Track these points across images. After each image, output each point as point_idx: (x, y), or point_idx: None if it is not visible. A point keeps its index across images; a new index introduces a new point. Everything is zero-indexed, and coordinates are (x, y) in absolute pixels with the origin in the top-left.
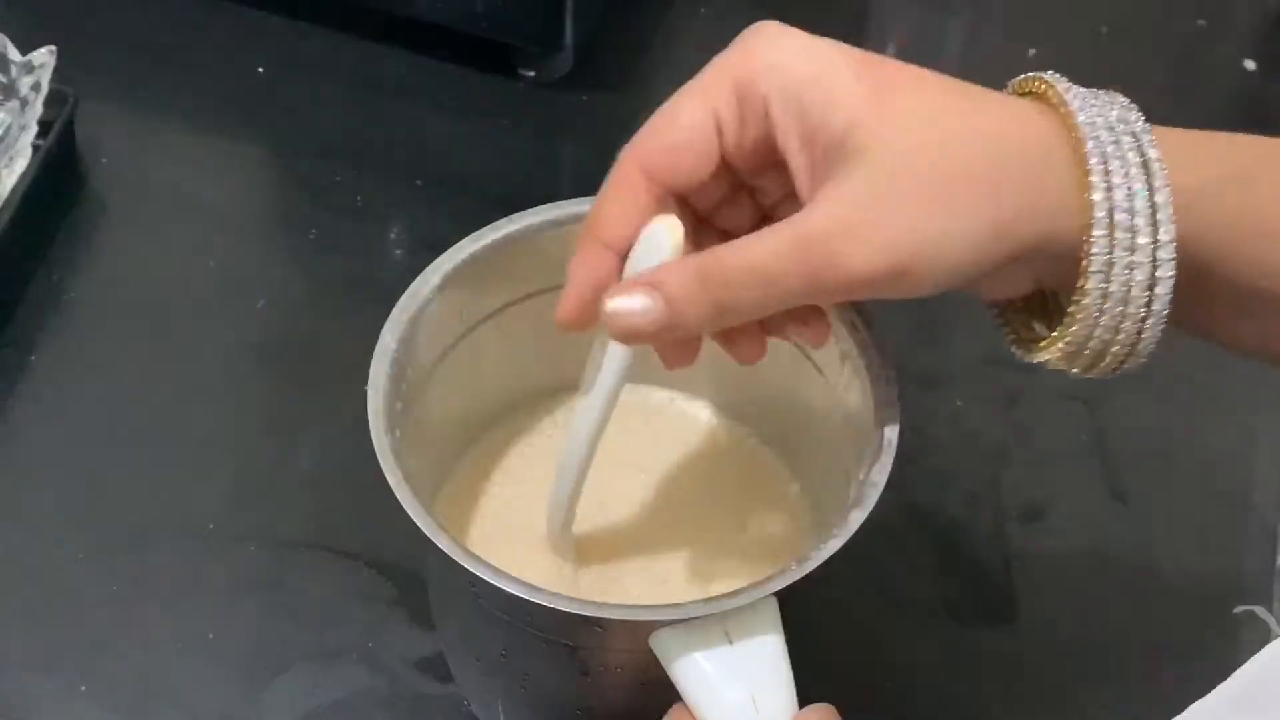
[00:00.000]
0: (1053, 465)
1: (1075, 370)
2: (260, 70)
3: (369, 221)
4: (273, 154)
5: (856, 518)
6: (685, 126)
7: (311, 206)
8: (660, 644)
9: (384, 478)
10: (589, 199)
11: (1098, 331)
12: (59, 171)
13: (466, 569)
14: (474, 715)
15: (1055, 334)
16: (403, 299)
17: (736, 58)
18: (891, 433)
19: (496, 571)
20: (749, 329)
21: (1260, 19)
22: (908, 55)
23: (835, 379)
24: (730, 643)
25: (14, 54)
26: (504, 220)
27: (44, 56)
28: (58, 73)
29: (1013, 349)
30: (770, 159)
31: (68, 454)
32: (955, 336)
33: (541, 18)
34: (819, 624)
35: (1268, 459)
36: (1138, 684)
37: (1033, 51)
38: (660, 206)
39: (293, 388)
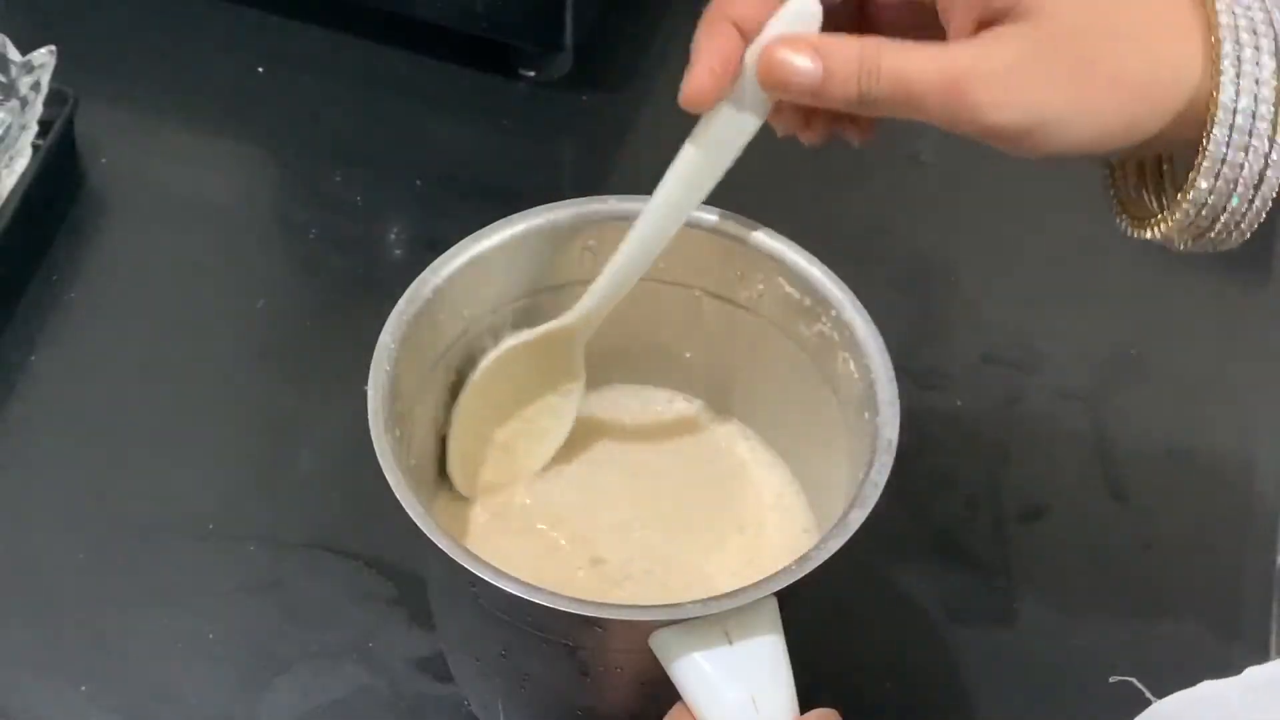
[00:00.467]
0: (1053, 465)
1: (1181, 245)
2: (260, 70)
3: (369, 221)
4: (273, 154)
5: (856, 517)
6: None
7: (311, 206)
8: (660, 644)
9: (384, 478)
10: (590, 199)
11: (1212, 198)
12: (59, 171)
13: (466, 569)
14: (474, 715)
15: (1178, 198)
16: (402, 300)
17: None
18: (891, 432)
19: (496, 571)
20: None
21: None
22: None
23: (835, 378)
24: (730, 643)
25: (14, 54)
26: (503, 220)
27: (44, 56)
28: (58, 73)
29: (1122, 223)
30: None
31: (68, 454)
32: (955, 336)
33: (541, 18)
34: (819, 624)
35: (1268, 459)
36: (1137, 684)
37: None
38: None
39: (293, 388)
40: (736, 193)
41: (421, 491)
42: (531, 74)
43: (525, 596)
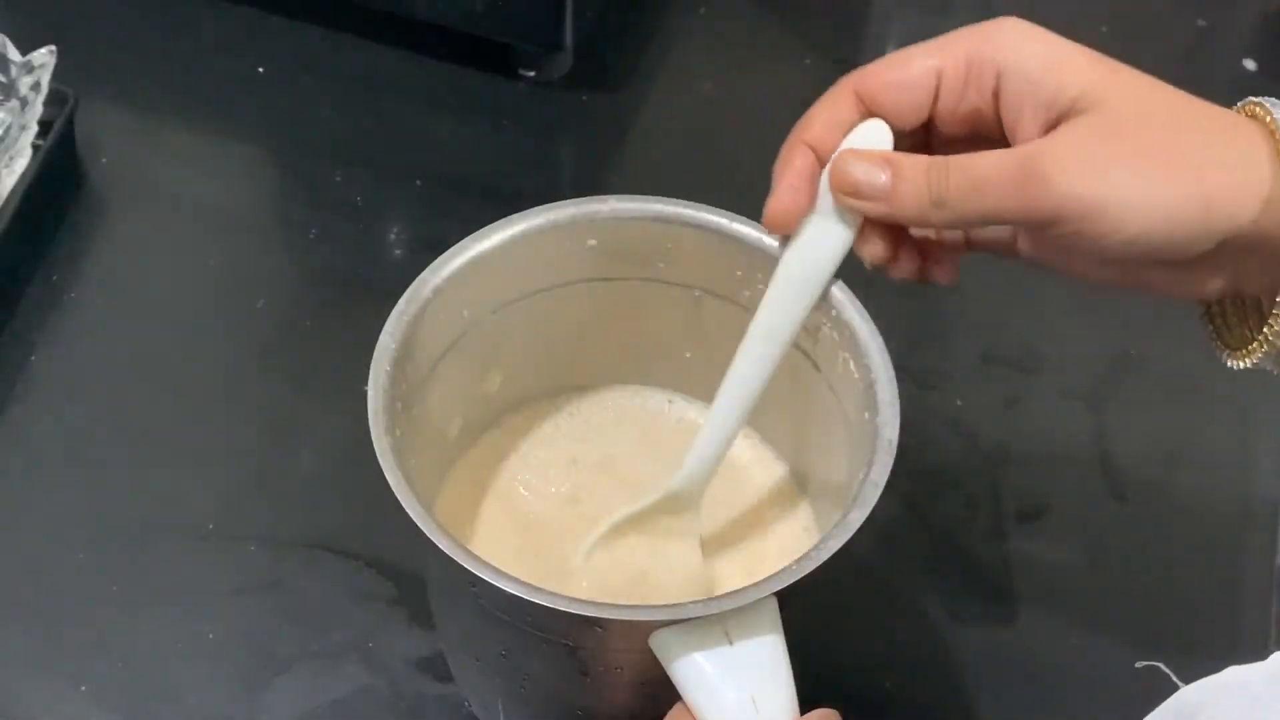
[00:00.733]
0: (1053, 465)
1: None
2: (260, 70)
3: (369, 221)
4: (273, 154)
5: (856, 518)
6: (913, 72)
7: (311, 206)
8: (660, 644)
9: (384, 478)
10: (590, 199)
11: None
12: (59, 171)
13: (467, 569)
14: (474, 715)
15: (1262, 334)
16: (402, 300)
17: (977, 31)
18: (891, 432)
19: (497, 572)
20: (917, 248)
21: (1260, 19)
22: None
23: (835, 379)
24: (730, 643)
25: (14, 54)
26: (503, 220)
27: (44, 56)
28: (58, 73)
29: (1221, 355)
30: (974, 130)
31: (68, 454)
32: (955, 336)
33: (541, 18)
34: (819, 624)
35: (1268, 459)
36: (1137, 684)
37: None
38: None
39: (293, 388)
40: (737, 193)
41: (421, 491)
42: (531, 74)
43: (525, 596)
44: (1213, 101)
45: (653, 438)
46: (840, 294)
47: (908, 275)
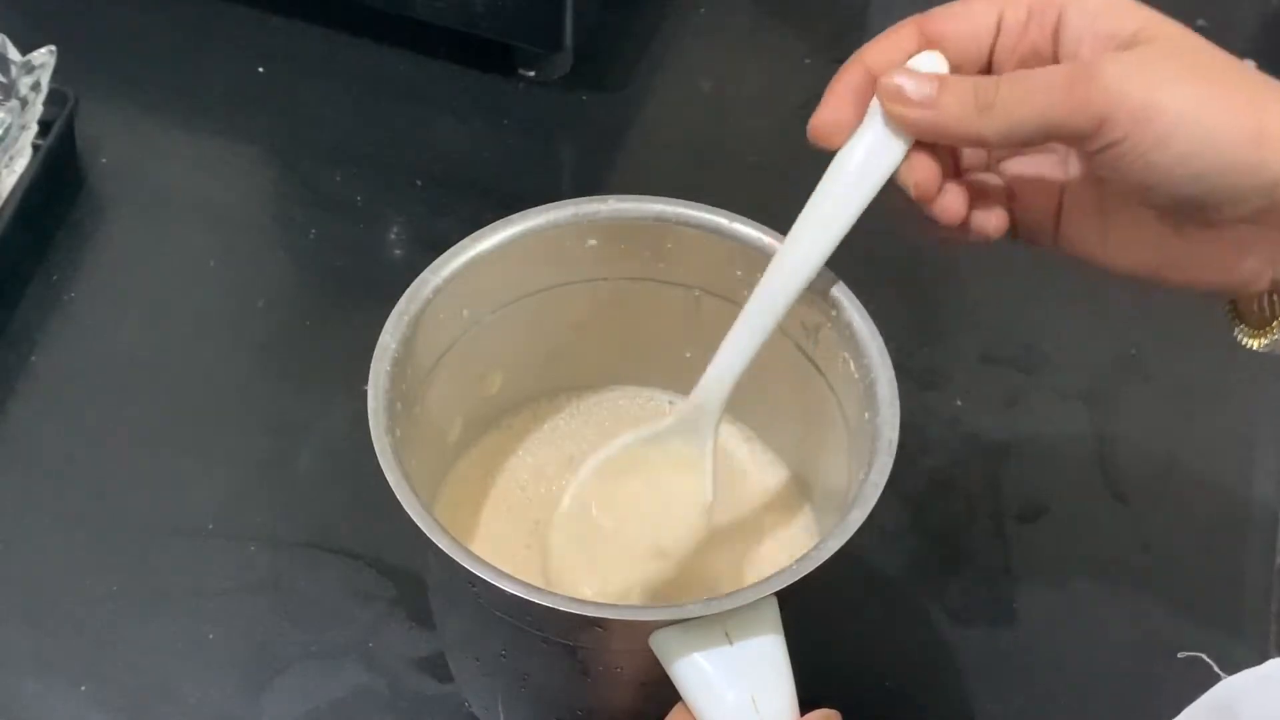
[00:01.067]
0: (1053, 465)
1: None
2: (260, 70)
3: (369, 221)
4: (273, 154)
5: (856, 518)
6: (975, 12)
7: (311, 206)
8: (660, 644)
9: (384, 477)
10: (589, 199)
11: None
12: (59, 171)
13: (466, 568)
14: (474, 715)
15: None
16: (402, 300)
17: None
18: (892, 433)
19: (497, 572)
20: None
21: (1260, 19)
22: None
23: (835, 379)
24: (730, 643)
25: (14, 54)
26: (503, 220)
27: (44, 56)
28: (58, 73)
29: (1236, 333)
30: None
31: (68, 453)
32: (955, 336)
33: (541, 18)
34: (819, 624)
35: (1268, 459)
36: (1138, 684)
37: None
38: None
39: (293, 388)
40: (737, 193)
41: (421, 491)
42: (531, 74)
43: (525, 596)
44: None
45: None
46: (840, 294)
47: (951, 216)
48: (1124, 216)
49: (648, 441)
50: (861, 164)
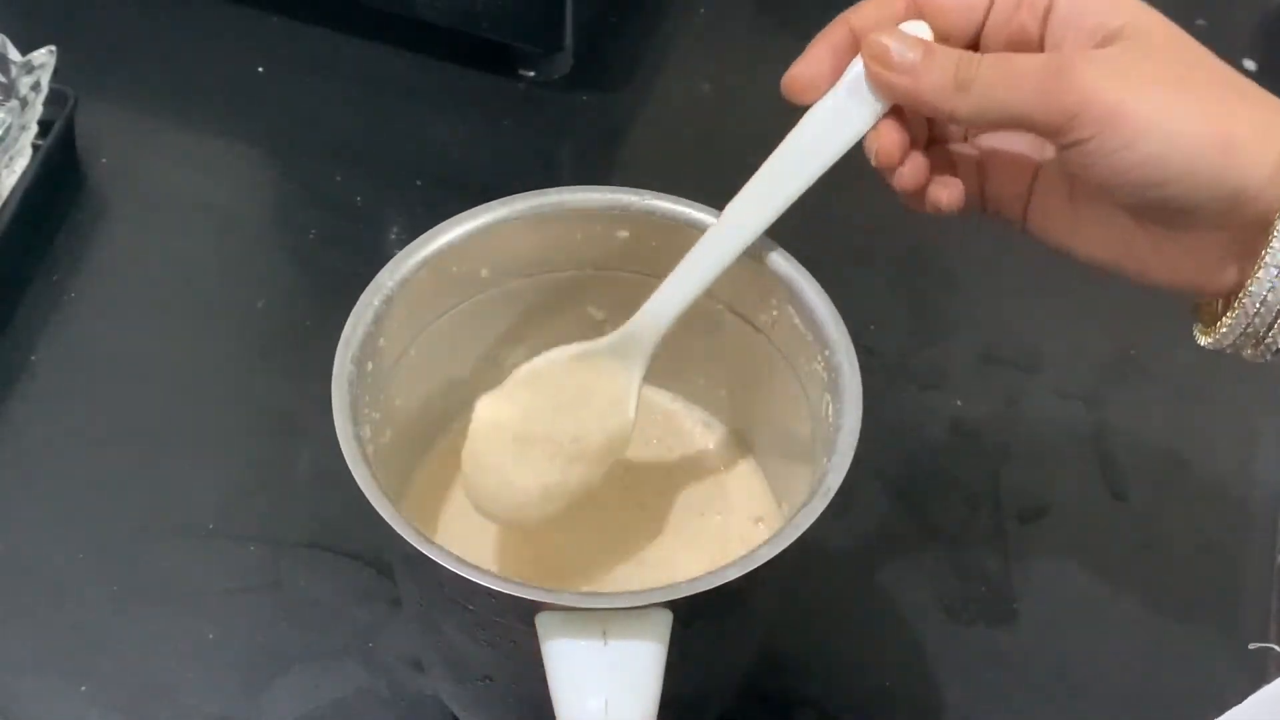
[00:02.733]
0: (1053, 465)
1: (1246, 351)
2: (260, 70)
3: (369, 221)
4: (273, 154)
5: (765, 553)
6: None
7: (311, 206)
8: (542, 625)
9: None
10: (558, 190)
11: (1271, 296)
12: (59, 171)
13: (376, 511)
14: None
15: (1239, 296)
16: (366, 291)
17: None
18: (834, 480)
19: (404, 523)
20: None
21: (1260, 19)
22: None
23: (817, 418)
24: (605, 642)
25: (14, 54)
26: (467, 213)
27: (44, 56)
28: (58, 73)
29: (1195, 330)
30: (1017, 51)
31: (68, 454)
32: (955, 336)
33: (541, 18)
34: (818, 623)
35: (1268, 459)
36: (1138, 684)
37: None
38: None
39: (293, 388)
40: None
41: (391, 475)
42: (531, 74)
43: (423, 550)
44: None
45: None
46: (838, 335)
47: (908, 185)
48: (1092, 207)
49: (578, 358)
50: (830, 123)
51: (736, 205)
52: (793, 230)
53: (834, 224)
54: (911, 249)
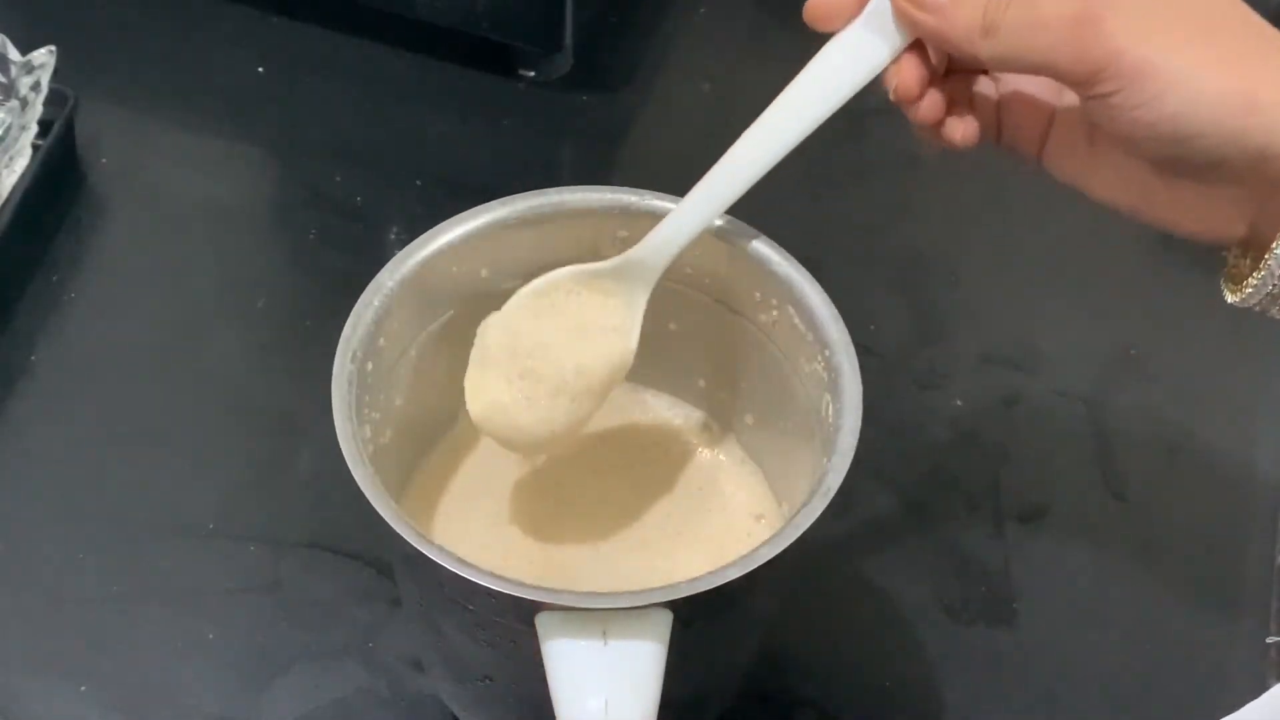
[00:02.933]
0: (1053, 465)
1: (1274, 311)
2: (260, 70)
3: (369, 221)
4: (273, 154)
5: (765, 553)
6: None
7: (311, 206)
8: (542, 625)
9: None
10: (558, 190)
11: None
12: (59, 171)
13: (379, 513)
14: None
15: (1265, 257)
16: (366, 291)
17: None
18: (834, 481)
19: (404, 524)
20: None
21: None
22: None
23: (817, 419)
24: (605, 642)
25: (14, 54)
26: (467, 213)
27: (44, 56)
28: (58, 73)
29: (1223, 289)
30: None
31: (68, 454)
32: (955, 336)
33: (541, 18)
34: (818, 623)
35: (1268, 458)
36: (1138, 684)
37: None
38: None
39: (293, 388)
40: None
41: (391, 475)
42: (531, 74)
43: (422, 549)
44: None
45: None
46: (838, 336)
47: (925, 119)
48: (1111, 153)
49: (579, 278)
50: (851, 55)
51: (752, 134)
52: (793, 230)
53: (834, 224)
54: (911, 249)
